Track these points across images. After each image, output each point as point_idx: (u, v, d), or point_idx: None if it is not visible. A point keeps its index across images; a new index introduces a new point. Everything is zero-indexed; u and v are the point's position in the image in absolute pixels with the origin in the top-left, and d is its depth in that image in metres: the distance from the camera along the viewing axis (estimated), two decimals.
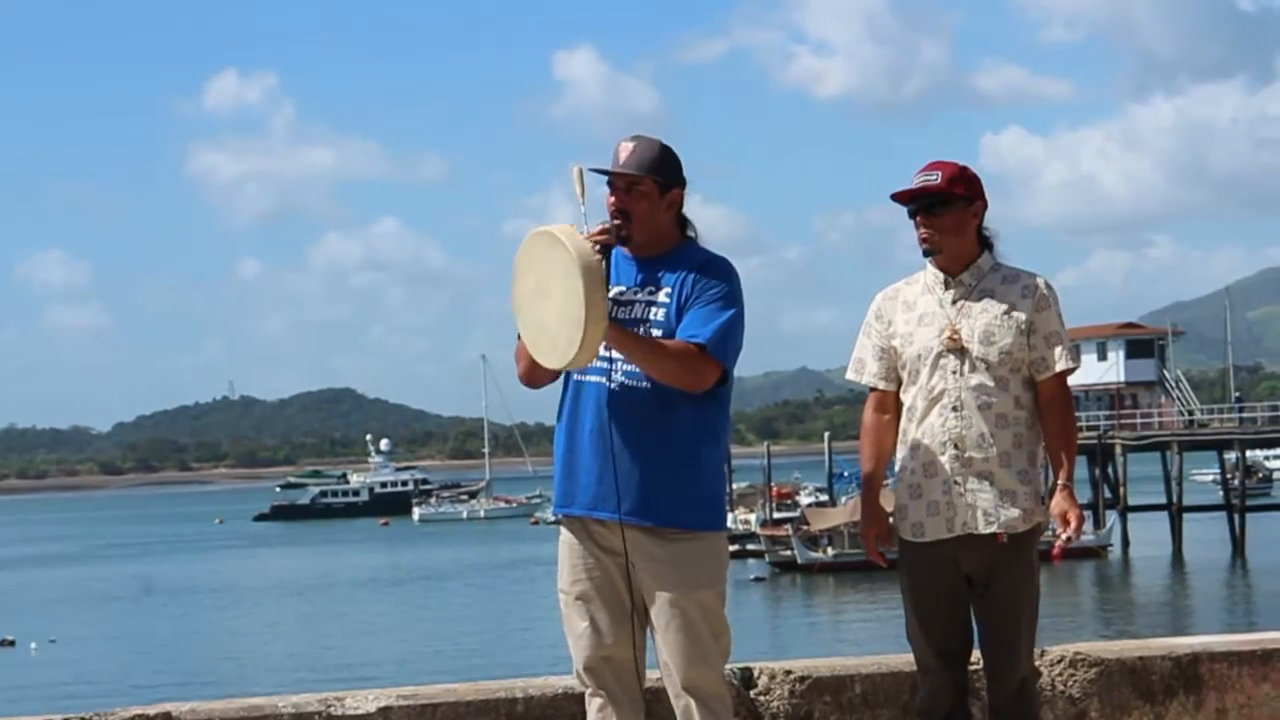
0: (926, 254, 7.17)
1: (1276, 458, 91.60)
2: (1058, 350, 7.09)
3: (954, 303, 7.13)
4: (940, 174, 7.11)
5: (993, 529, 7.00)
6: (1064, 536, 7.05)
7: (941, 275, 7.16)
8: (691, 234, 6.99)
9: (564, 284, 6.51)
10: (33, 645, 60.34)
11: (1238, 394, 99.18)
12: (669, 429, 6.77)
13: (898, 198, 7.17)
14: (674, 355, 6.67)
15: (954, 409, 7.04)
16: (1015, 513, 7.03)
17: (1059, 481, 7.02)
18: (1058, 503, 7.00)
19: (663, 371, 6.68)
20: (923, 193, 7.11)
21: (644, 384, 6.75)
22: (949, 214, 7.11)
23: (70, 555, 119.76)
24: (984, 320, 7.07)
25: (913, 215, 7.15)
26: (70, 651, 58.57)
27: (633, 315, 6.77)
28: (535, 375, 6.97)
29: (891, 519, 7.22)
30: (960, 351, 7.06)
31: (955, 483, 7.03)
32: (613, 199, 6.85)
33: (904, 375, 7.17)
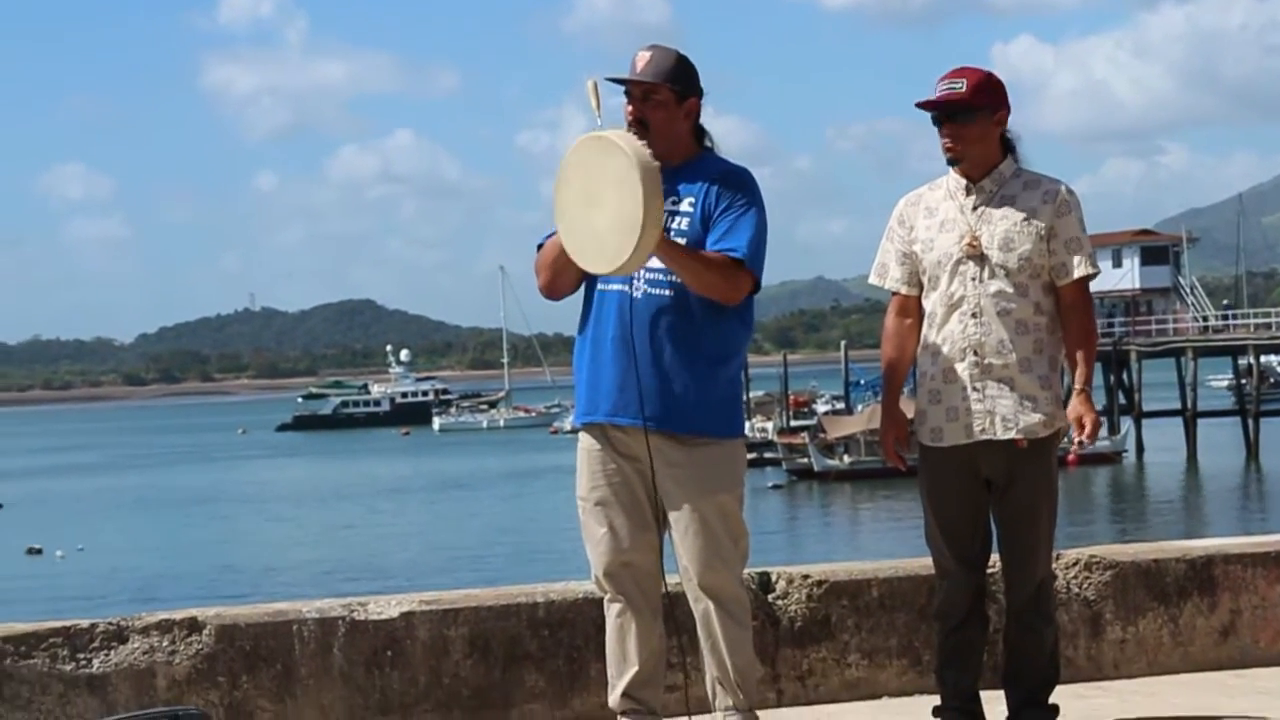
0: (951, 163, 7.14)
1: None
2: (1077, 257, 7.05)
3: (974, 209, 7.10)
4: (965, 82, 7.06)
5: (1011, 434, 7.00)
6: (1078, 441, 7.06)
7: (964, 181, 7.13)
8: (709, 144, 7.00)
9: (619, 189, 6.48)
10: (59, 553, 60.61)
11: (1225, 302, 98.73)
12: (690, 337, 6.80)
13: (923, 106, 7.14)
14: (717, 267, 6.70)
15: (973, 315, 7.03)
16: (1036, 418, 7.02)
17: (1076, 386, 7.02)
18: (1074, 407, 7.00)
19: (704, 283, 6.72)
20: (947, 102, 7.09)
21: (666, 293, 6.77)
22: (974, 124, 7.08)
23: (96, 465, 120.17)
24: (1004, 227, 7.05)
25: (937, 123, 7.12)
26: (97, 559, 58.83)
27: None
28: (556, 286, 6.99)
29: (911, 425, 7.23)
30: (980, 258, 7.03)
31: (975, 389, 7.02)
32: (630, 108, 6.84)
33: (925, 281, 7.16)
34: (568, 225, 6.72)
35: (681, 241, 6.74)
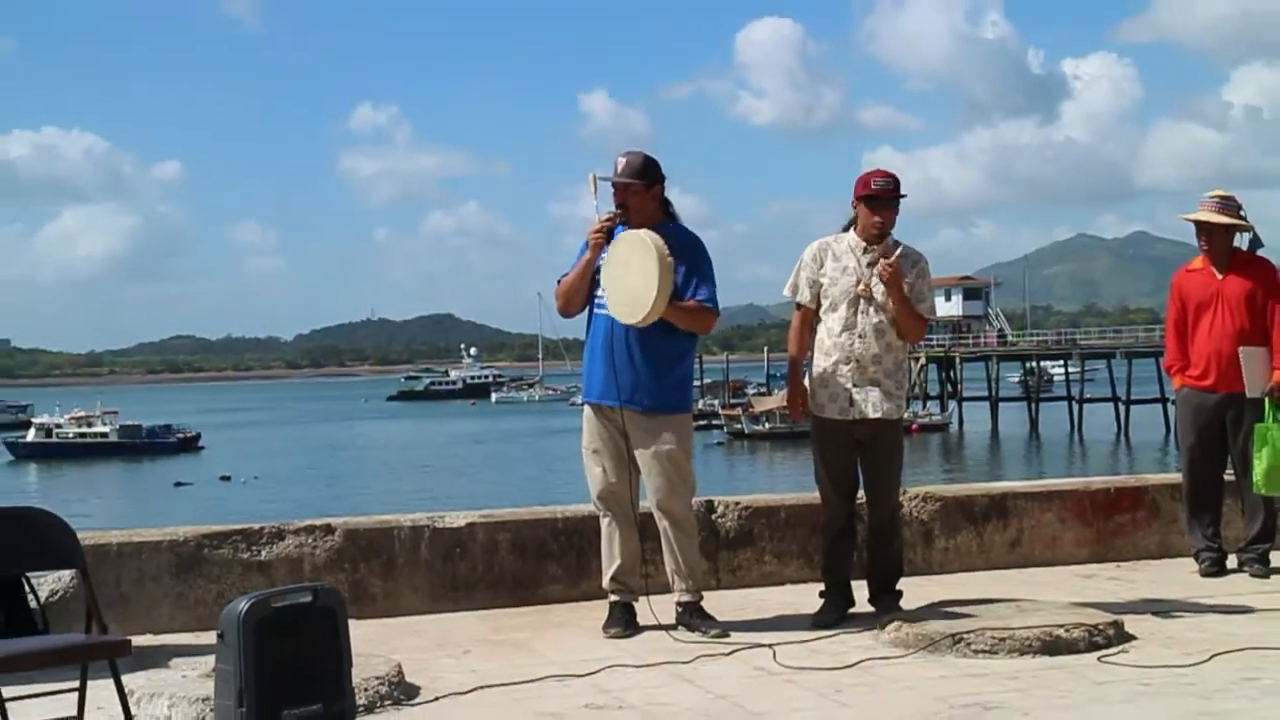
0: (878, 237, 7.07)
1: (1058, 366, 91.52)
2: (926, 306, 7.17)
3: (868, 265, 7.10)
4: (893, 181, 7.07)
5: (879, 415, 7.07)
6: (887, 262, 6.97)
7: (862, 243, 7.14)
8: (674, 213, 7.04)
9: (645, 275, 6.60)
10: (241, 479, 60.48)
11: (1002, 332, 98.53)
12: (650, 346, 6.87)
13: (873, 195, 7.04)
14: (697, 313, 6.82)
15: (860, 336, 7.09)
16: (893, 405, 7.16)
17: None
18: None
19: (688, 324, 6.83)
20: (893, 194, 7.06)
21: None
22: (895, 210, 7.10)
23: (267, 421, 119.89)
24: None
25: (875, 206, 7.05)
26: (267, 483, 58.70)
27: None
28: (568, 310, 7.12)
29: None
30: (869, 298, 7.07)
31: (855, 385, 7.10)
32: (615, 195, 6.92)
33: (824, 302, 7.17)
34: (611, 285, 6.78)
35: None
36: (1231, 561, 8.45)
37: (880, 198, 7.05)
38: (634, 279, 6.66)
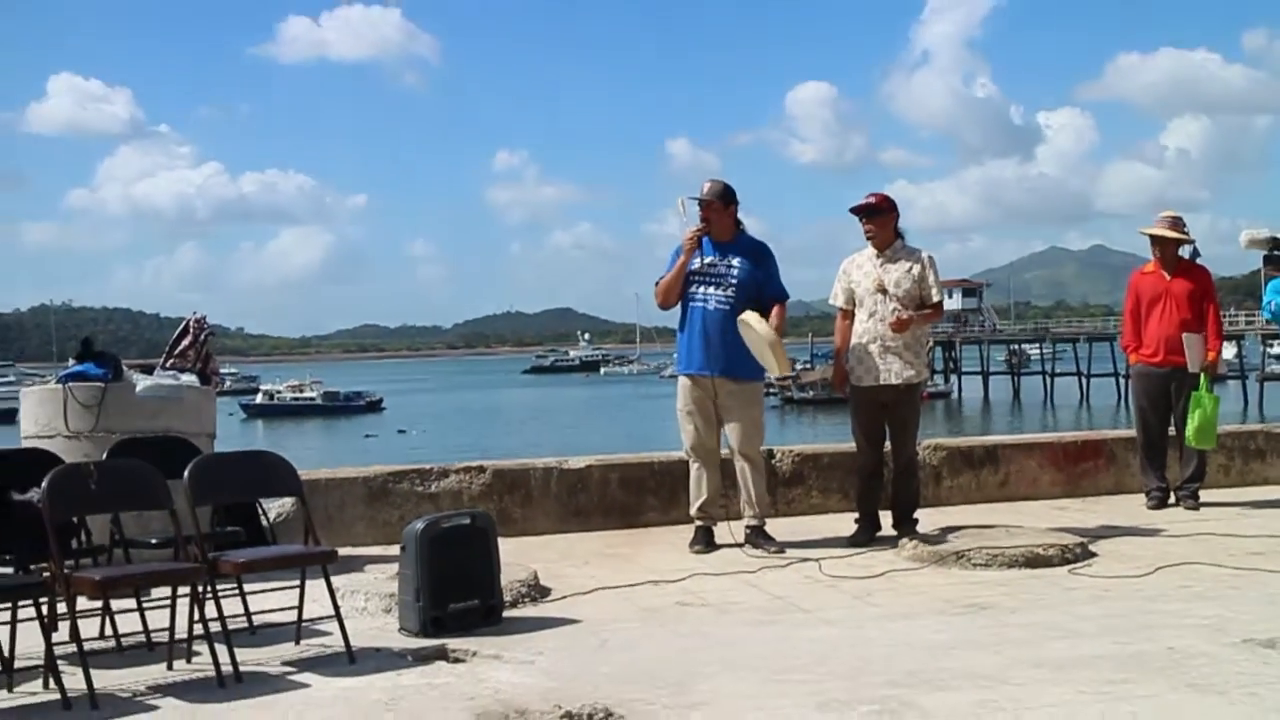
0: (869, 239, 7.08)
1: (1035, 348, 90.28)
2: (935, 290, 7.08)
3: (880, 265, 7.05)
4: (875, 197, 7.03)
5: (900, 382, 7.02)
6: (904, 317, 6.91)
7: (874, 251, 7.09)
8: (743, 227, 7.00)
9: (761, 348, 6.59)
10: (414, 432, 60.96)
11: (992, 322, 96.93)
12: (735, 329, 6.80)
13: (854, 210, 7.09)
14: (783, 309, 6.79)
15: (880, 320, 7.05)
16: (912, 373, 7.08)
17: (913, 314, 6.97)
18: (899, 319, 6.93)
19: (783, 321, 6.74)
20: (868, 207, 7.02)
21: (725, 306, 6.83)
22: (880, 219, 7.05)
23: (434, 388, 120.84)
24: (895, 275, 7.03)
25: (861, 219, 7.07)
26: (435, 435, 59.12)
27: (716, 272, 6.83)
28: (665, 304, 7.05)
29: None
30: (883, 291, 7.01)
31: (880, 359, 7.04)
32: (700, 213, 6.86)
33: (857, 303, 7.11)
34: (751, 342, 6.67)
35: (733, 282, 6.79)
36: (1171, 498, 8.33)
37: (860, 210, 7.06)
38: (760, 351, 6.63)
